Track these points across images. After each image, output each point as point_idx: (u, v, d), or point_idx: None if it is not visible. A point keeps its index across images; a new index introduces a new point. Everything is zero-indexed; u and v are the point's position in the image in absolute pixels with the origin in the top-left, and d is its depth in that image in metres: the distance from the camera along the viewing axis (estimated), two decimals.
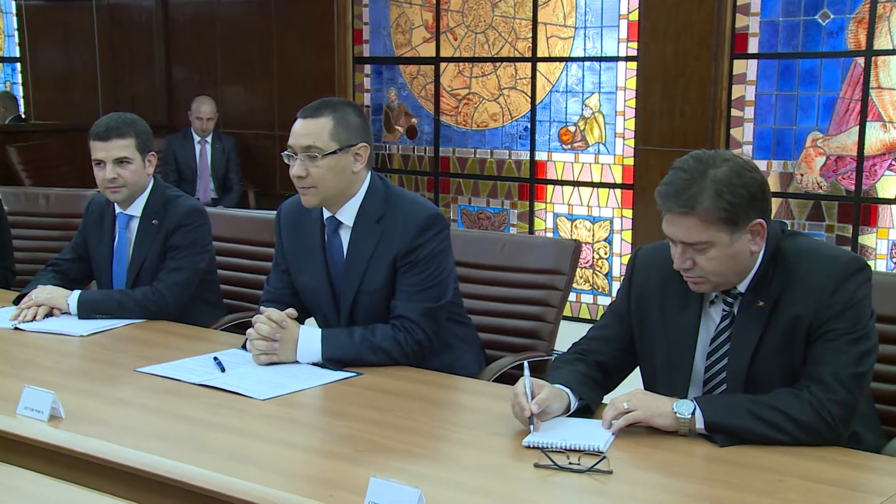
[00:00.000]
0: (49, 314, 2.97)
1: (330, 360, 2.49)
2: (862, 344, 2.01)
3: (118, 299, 3.01)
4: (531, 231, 6.18)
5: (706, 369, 2.15)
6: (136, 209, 3.15)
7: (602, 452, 1.90)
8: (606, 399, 2.18)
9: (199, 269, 3.15)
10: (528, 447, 1.94)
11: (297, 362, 2.50)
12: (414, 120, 6.66)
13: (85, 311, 2.97)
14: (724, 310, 2.14)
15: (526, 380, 2.04)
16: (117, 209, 3.18)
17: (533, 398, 2.00)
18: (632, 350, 2.28)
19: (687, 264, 2.06)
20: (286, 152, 2.55)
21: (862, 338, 2.01)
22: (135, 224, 3.16)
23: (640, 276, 2.28)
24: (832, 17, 5.13)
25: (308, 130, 2.52)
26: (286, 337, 2.49)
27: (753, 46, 5.36)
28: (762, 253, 2.09)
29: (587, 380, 2.18)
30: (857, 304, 2.02)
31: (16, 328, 2.88)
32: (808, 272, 2.05)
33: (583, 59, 5.92)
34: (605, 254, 5.96)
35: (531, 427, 1.99)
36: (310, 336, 2.51)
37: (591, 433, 1.99)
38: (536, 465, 1.87)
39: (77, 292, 3.02)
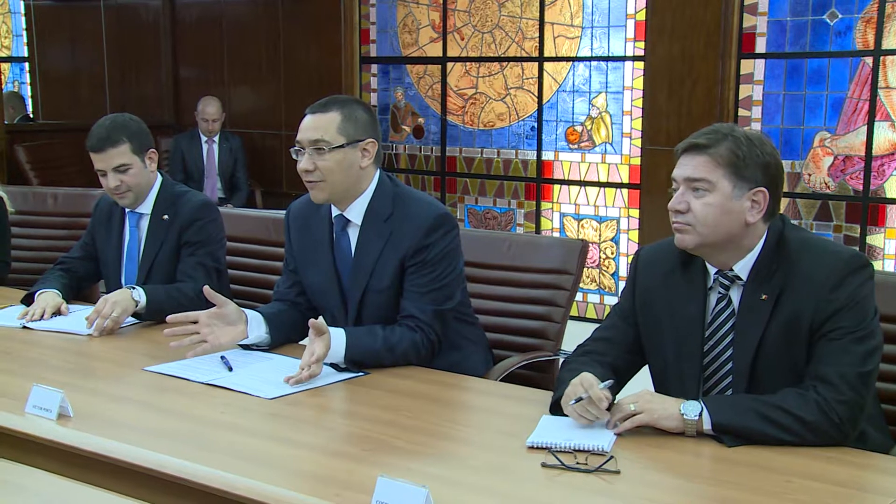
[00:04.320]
0: (57, 313, 2.97)
1: (351, 363, 2.48)
2: (867, 342, 2.01)
3: (176, 297, 2.94)
4: (538, 231, 6.18)
5: (705, 353, 2.15)
6: (146, 207, 3.15)
7: (607, 452, 1.90)
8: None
9: (218, 258, 3.16)
10: (532, 447, 1.94)
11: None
12: (421, 119, 6.66)
13: (152, 314, 2.91)
14: (720, 292, 2.14)
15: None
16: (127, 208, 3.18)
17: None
18: (637, 350, 2.28)
19: (682, 206, 2.08)
20: (295, 147, 2.56)
21: (867, 336, 2.01)
22: (145, 222, 3.17)
23: (644, 274, 2.28)
24: (840, 16, 5.12)
25: (316, 125, 2.53)
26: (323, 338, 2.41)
27: (761, 46, 5.35)
28: (763, 240, 2.10)
29: (604, 377, 2.17)
30: (860, 302, 2.02)
31: (24, 327, 2.89)
32: (810, 267, 2.05)
33: (590, 59, 5.92)
34: (612, 253, 5.95)
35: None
36: (336, 339, 2.45)
37: (595, 433, 1.99)
38: (544, 465, 1.87)
39: (141, 290, 2.92)
